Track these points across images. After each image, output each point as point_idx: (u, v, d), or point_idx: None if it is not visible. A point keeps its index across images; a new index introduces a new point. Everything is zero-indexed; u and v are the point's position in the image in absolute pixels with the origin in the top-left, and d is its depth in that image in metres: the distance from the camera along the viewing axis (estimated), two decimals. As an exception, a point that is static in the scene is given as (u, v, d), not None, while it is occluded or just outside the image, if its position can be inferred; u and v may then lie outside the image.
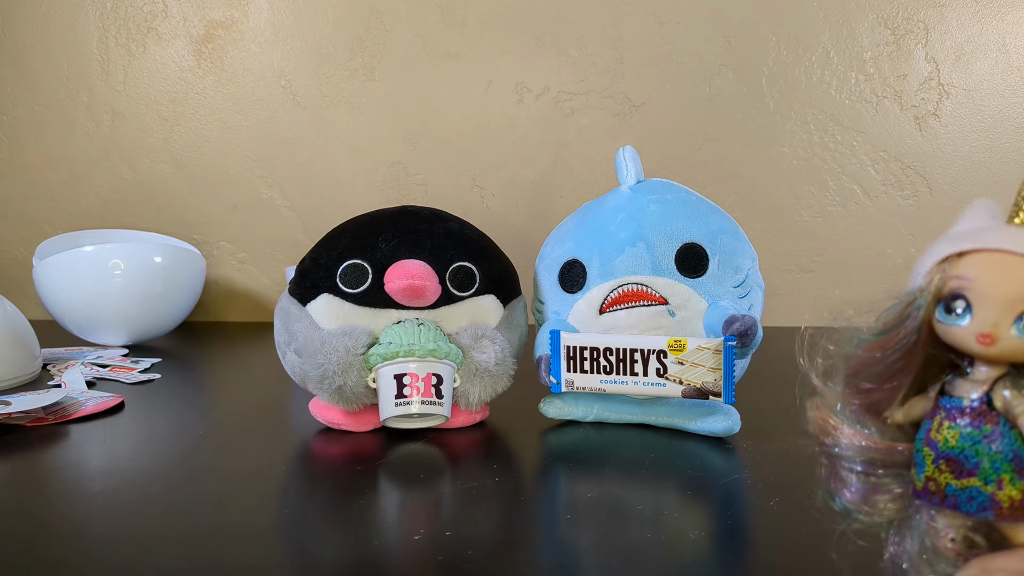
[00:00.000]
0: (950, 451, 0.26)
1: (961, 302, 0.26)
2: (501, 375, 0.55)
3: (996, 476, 0.25)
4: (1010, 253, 0.25)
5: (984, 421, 0.26)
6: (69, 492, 0.44)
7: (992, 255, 0.25)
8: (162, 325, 0.96)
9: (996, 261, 0.25)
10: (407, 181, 1.13)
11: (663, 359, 0.52)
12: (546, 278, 0.60)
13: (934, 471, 0.27)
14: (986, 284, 0.25)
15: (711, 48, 1.07)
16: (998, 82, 1.05)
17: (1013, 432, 0.25)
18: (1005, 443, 0.25)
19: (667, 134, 1.09)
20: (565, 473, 0.48)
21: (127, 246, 0.91)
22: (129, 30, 1.14)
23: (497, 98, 1.10)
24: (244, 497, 0.43)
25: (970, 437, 0.26)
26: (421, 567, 0.34)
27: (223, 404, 0.69)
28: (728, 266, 0.55)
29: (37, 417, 0.58)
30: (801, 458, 0.49)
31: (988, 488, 0.25)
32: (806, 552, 0.35)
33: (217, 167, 1.15)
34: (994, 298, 0.25)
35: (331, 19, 1.11)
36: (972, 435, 0.26)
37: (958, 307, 0.26)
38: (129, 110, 1.15)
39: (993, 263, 0.25)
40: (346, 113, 1.12)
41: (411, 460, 0.49)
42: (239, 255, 1.17)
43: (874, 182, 1.08)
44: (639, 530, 0.38)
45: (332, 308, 0.54)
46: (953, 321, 0.26)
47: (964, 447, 0.26)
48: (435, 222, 0.58)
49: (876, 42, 1.05)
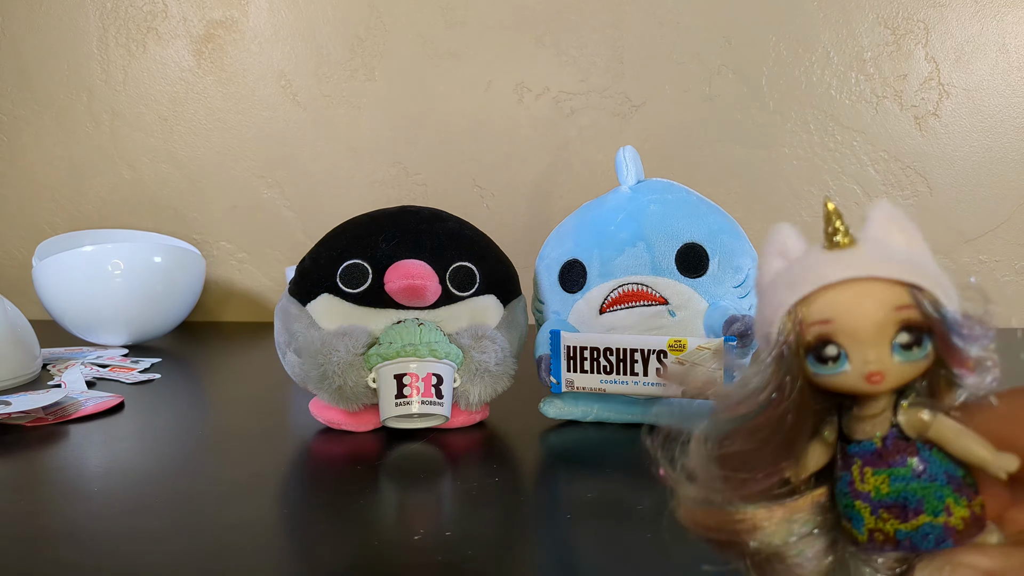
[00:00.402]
0: (886, 498, 0.24)
1: (832, 347, 0.23)
2: (501, 375, 0.55)
3: (942, 505, 0.24)
4: (855, 280, 0.23)
5: (906, 455, 0.24)
6: (69, 492, 0.44)
7: (839, 289, 0.23)
8: (162, 325, 0.96)
9: (850, 294, 0.23)
10: (407, 181, 1.13)
11: (663, 359, 0.52)
12: (546, 278, 0.60)
13: (876, 522, 0.24)
14: (849, 321, 0.23)
15: (711, 48, 1.07)
16: (998, 82, 1.05)
17: (933, 452, 0.24)
18: (933, 468, 0.24)
19: (667, 134, 1.09)
20: (565, 473, 0.48)
21: (127, 246, 0.91)
22: (129, 30, 1.14)
23: (497, 98, 1.10)
24: (244, 497, 0.43)
25: (902, 478, 0.24)
26: (421, 567, 0.34)
27: (223, 404, 0.69)
28: (728, 266, 0.55)
29: (37, 417, 0.58)
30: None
31: (939, 520, 0.24)
32: (806, 552, 0.35)
33: (217, 167, 1.15)
34: (864, 332, 0.23)
35: (331, 19, 1.11)
36: (902, 474, 0.24)
37: (831, 353, 0.23)
38: (129, 110, 1.15)
39: (848, 297, 0.23)
40: (346, 113, 1.12)
41: (411, 460, 0.49)
42: (239, 255, 1.17)
43: (874, 182, 1.08)
44: (639, 530, 0.38)
45: (332, 308, 0.54)
46: (832, 370, 0.23)
47: (900, 489, 0.24)
48: (435, 222, 0.58)
49: (876, 42, 1.05)
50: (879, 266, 0.23)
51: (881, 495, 0.24)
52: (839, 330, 0.23)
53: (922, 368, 0.23)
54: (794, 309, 0.24)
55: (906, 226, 0.24)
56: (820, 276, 0.23)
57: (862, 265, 0.23)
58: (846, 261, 0.23)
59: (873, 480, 0.24)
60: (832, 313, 0.23)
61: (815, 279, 0.23)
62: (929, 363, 0.23)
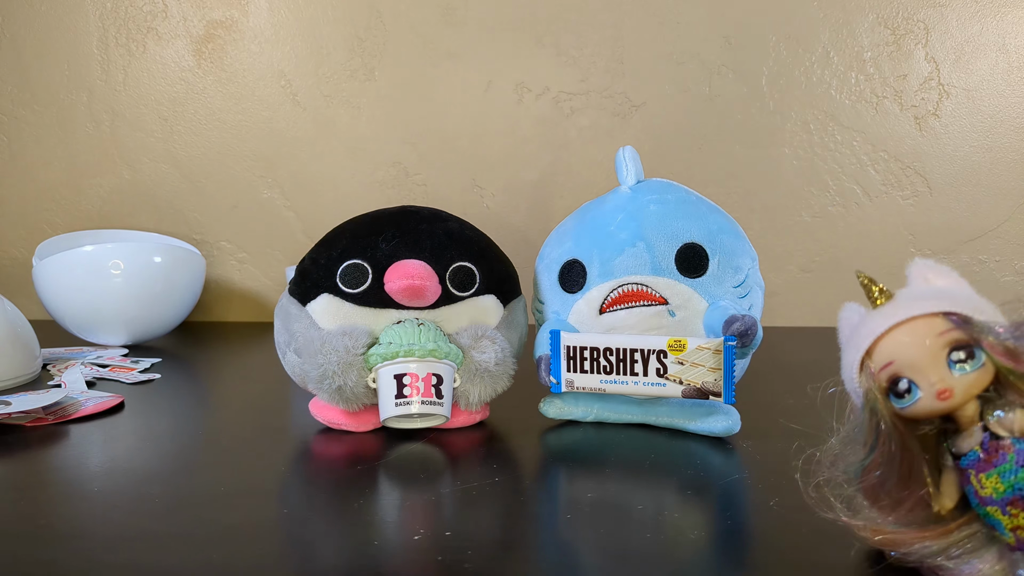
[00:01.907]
0: (1006, 495, 0.27)
1: (904, 382, 0.28)
2: (501, 375, 0.55)
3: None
4: (899, 324, 0.28)
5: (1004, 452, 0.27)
6: (69, 492, 0.44)
7: (892, 333, 0.28)
8: (162, 325, 0.96)
9: (899, 335, 0.28)
10: (407, 181, 1.13)
11: (663, 359, 0.52)
12: (546, 278, 0.60)
13: (1011, 520, 0.27)
14: (908, 358, 0.28)
15: (711, 48, 1.07)
16: (998, 82, 1.05)
17: None
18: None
19: (667, 134, 1.09)
20: (565, 473, 0.48)
21: (127, 246, 0.91)
22: (129, 30, 1.14)
23: (497, 98, 1.10)
24: (244, 497, 0.43)
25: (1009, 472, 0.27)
26: (421, 567, 0.34)
27: (223, 404, 0.69)
28: (728, 266, 0.55)
29: (37, 417, 0.58)
30: (801, 458, 0.49)
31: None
32: (806, 552, 0.35)
33: (217, 167, 1.15)
34: (921, 360, 0.27)
35: (331, 19, 1.11)
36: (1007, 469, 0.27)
37: (903, 387, 0.28)
38: (129, 110, 1.15)
39: (898, 338, 0.28)
40: (346, 113, 1.12)
41: (411, 460, 0.49)
42: (239, 255, 1.17)
43: (874, 182, 1.08)
44: (639, 530, 0.38)
45: (332, 308, 0.54)
46: (910, 401, 0.28)
47: (1011, 483, 0.27)
48: (435, 222, 0.58)
49: (876, 42, 1.05)
50: (912, 306, 0.28)
51: (1000, 494, 0.27)
52: (902, 366, 0.28)
53: (982, 377, 0.27)
54: (863, 363, 0.29)
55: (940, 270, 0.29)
56: (872, 331, 0.28)
57: (900, 311, 0.28)
58: (888, 312, 0.28)
59: (988, 483, 0.28)
60: (891, 355, 0.28)
61: (869, 334, 0.28)
62: (988, 371, 0.27)
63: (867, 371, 0.29)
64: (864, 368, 0.29)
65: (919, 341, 0.27)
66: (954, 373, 0.27)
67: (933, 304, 0.27)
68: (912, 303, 0.28)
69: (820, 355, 0.82)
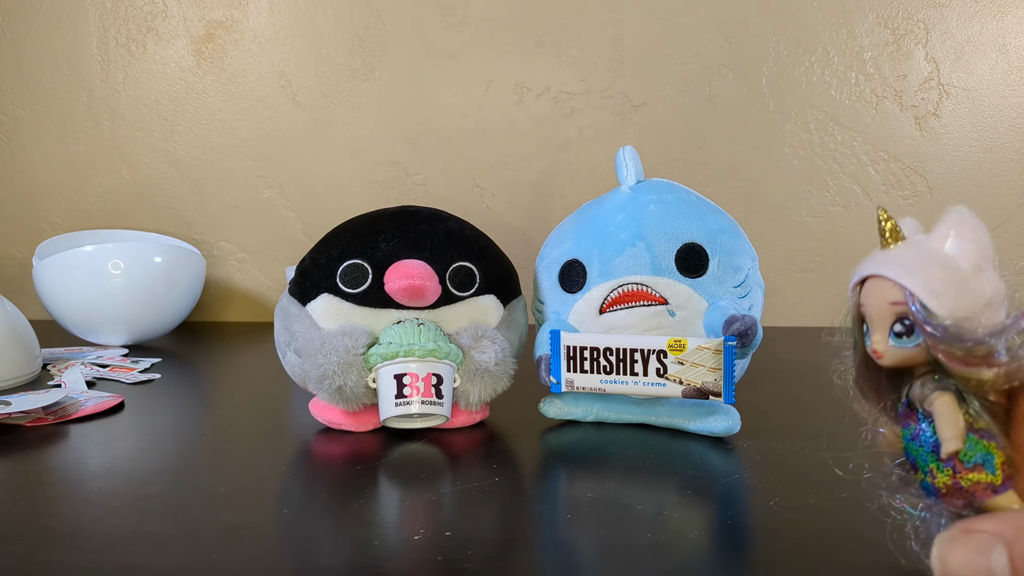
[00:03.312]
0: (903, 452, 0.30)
1: (866, 325, 0.30)
2: (501, 375, 0.55)
3: (927, 467, 0.29)
4: (874, 277, 0.30)
5: (909, 421, 0.30)
6: (69, 492, 0.44)
7: (870, 281, 0.30)
8: (162, 325, 0.96)
9: (871, 286, 0.30)
10: (407, 181, 1.13)
11: (663, 359, 0.52)
12: (546, 278, 0.60)
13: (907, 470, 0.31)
14: (868, 307, 0.30)
15: (711, 48, 1.07)
16: (998, 82, 1.05)
17: (931, 425, 0.28)
18: (925, 436, 0.29)
19: (667, 134, 1.09)
20: (565, 473, 0.48)
21: (127, 246, 0.91)
22: (129, 30, 1.14)
23: (497, 98, 1.10)
24: (244, 497, 0.43)
25: (905, 438, 0.30)
26: (421, 567, 0.34)
27: (223, 404, 0.69)
28: (728, 266, 0.55)
29: (37, 417, 0.58)
30: (801, 458, 0.49)
31: (928, 479, 0.29)
32: (806, 552, 0.35)
33: (217, 167, 1.15)
34: (871, 317, 0.30)
35: (331, 19, 1.11)
36: (905, 435, 0.30)
37: (866, 328, 0.30)
38: (129, 110, 1.15)
39: (870, 288, 0.30)
40: (346, 113, 1.12)
41: (411, 460, 0.49)
42: (239, 255, 1.17)
43: (874, 182, 1.08)
44: (639, 530, 0.38)
45: (332, 308, 0.54)
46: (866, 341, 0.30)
47: (905, 447, 0.30)
48: (435, 222, 0.58)
49: (876, 42, 1.05)
50: (885, 267, 0.29)
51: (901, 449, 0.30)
52: (866, 312, 0.30)
53: (918, 354, 0.29)
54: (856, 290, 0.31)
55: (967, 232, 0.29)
56: (862, 270, 0.31)
57: (878, 265, 0.29)
58: (876, 260, 0.30)
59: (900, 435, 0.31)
60: (863, 298, 0.30)
61: (860, 271, 0.31)
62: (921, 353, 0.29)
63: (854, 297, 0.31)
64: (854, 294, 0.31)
65: (877, 301, 0.29)
66: (890, 341, 0.29)
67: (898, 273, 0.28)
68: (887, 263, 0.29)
69: (820, 355, 0.82)
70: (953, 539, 0.26)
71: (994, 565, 0.25)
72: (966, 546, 0.26)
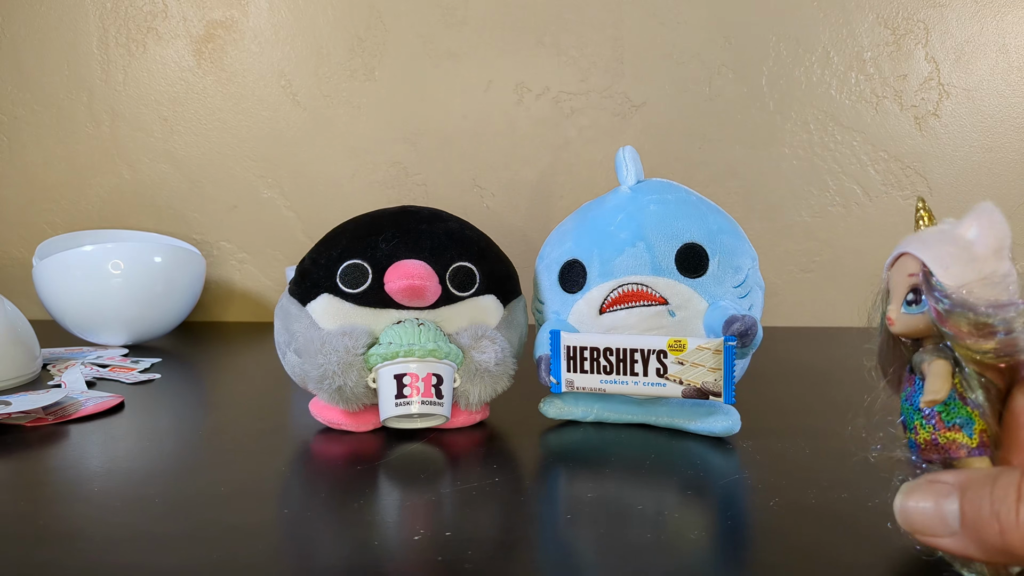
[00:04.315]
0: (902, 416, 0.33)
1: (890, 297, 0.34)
2: (501, 375, 0.54)
3: (912, 424, 0.32)
4: (901, 254, 0.33)
5: (907, 384, 0.33)
6: (69, 492, 0.44)
7: (898, 258, 0.33)
8: (162, 325, 0.96)
9: (897, 262, 0.33)
10: (407, 181, 1.13)
11: (663, 359, 0.52)
12: (546, 278, 0.60)
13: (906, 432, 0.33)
14: (892, 280, 0.33)
15: (711, 48, 1.07)
16: (998, 82, 1.05)
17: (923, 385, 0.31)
18: (916, 397, 0.32)
19: (667, 134, 1.09)
20: (565, 473, 0.48)
21: (127, 246, 0.91)
22: (129, 30, 1.14)
23: (497, 98, 1.10)
24: (244, 497, 0.43)
25: (903, 400, 0.33)
26: (421, 567, 0.34)
27: (223, 404, 0.69)
28: (728, 266, 0.55)
29: (37, 417, 0.58)
30: (801, 458, 0.49)
31: (911, 435, 0.32)
32: (806, 552, 0.35)
33: (217, 167, 1.15)
34: (894, 288, 0.33)
35: (331, 19, 1.11)
36: (903, 397, 0.33)
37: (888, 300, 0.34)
38: (129, 110, 1.15)
39: (897, 264, 0.33)
40: (346, 113, 1.12)
41: (411, 460, 0.49)
42: (239, 255, 1.17)
43: (874, 182, 1.08)
44: (639, 530, 0.38)
45: (332, 308, 0.54)
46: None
47: (901, 408, 0.33)
48: (435, 222, 0.58)
49: (876, 42, 1.05)
50: (910, 245, 0.32)
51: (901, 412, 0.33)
52: (890, 285, 0.34)
53: (922, 321, 0.32)
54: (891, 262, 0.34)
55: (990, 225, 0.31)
56: (897, 247, 0.34)
57: (906, 243, 0.33)
58: (906, 240, 0.33)
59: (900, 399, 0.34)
60: (891, 272, 0.34)
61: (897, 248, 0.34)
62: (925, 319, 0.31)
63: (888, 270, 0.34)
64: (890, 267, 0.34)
65: (901, 271, 0.33)
66: (902, 309, 0.32)
67: (924, 251, 0.31)
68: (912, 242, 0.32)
69: (820, 355, 0.82)
70: (916, 486, 0.28)
71: (946, 511, 0.27)
72: (924, 492, 0.28)
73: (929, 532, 0.27)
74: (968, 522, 0.26)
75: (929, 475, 0.28)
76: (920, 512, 0.27)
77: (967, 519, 0.26)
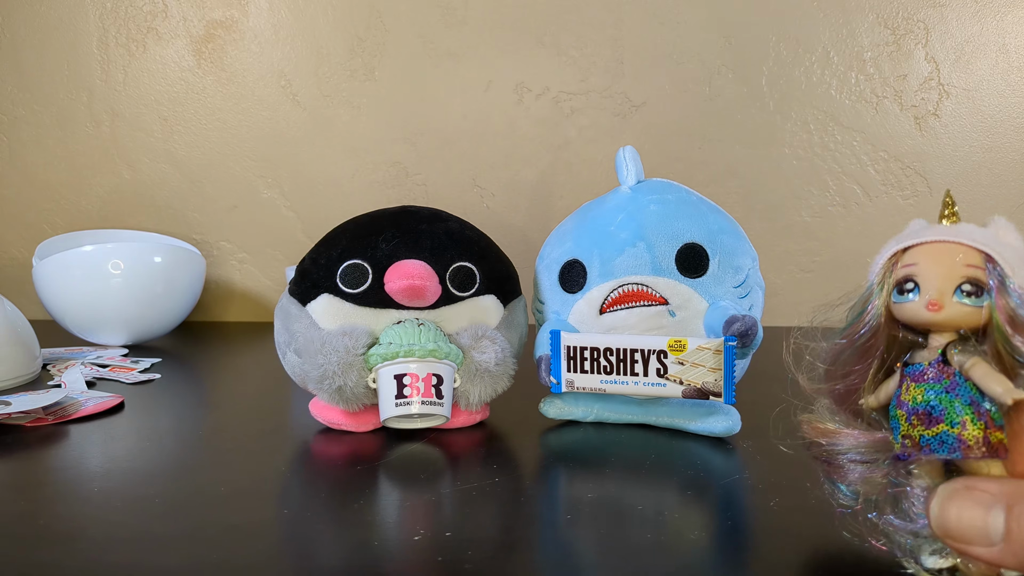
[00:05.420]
0: (919, 406, 0.30)
1: (911, 283, 0.31)
2: (501, 375, 0.54)
3: (960, 419, 0.29)
4: (942, 242, 0.30)
5: (943, 375, 0.30)
6: (69, 492, 0.44)
7: (929, 245, 0.31)
8: (162, 325, 0.96)
9: (933, 249, 0.31)
10: (407, 181, 1.13)
11: (663, 359, 0.52)
12: (546, 278, 0.60)
13: (908, 428, 0.31)
14: (928, 266, 0.30)
15: (711, 48, 1.07)
16: (998, 82, 1.05)
17: (968, 383, 0.29)
18: (962, 391, 0.29)
19: (667, 134, 1.09)
20: (565, 473, 0.48)
21: (127, 246, 0.91)
22: (129, 30, 1.14)
23: (497, 98, 1.10)
24: (244, 497, 0.43)
25: (933, 389, 0.30)
26: (421, 567, 0.34)
27: (223, 404, 0.69)
28: (728, 266, 0.55)
29: (37, 417, 0.58)
30: (801, 458, 0.49)
31: (955, 430, 0.29)
32: (806, 552, 0.35)
33: (217, 167, 1.15)
34: (936, 275, 0.30)
35: (331, 19, 1.11)
36: (935, 388, 0.30)
37: (908, 287, 0.31)
38: (129, 110, 1.15)
39: (931, 251, 0.31)
40: (346, 113, 1.12)
41: (411, 460, 0.49)
42: (239, 255, 1.17)
43: (874, 182, 1.08)
44: (639, 530, 0.38)
45: (332, 308, 0.54)
46: (906, 299, 0.31)
47: (930, 399, 0.30)
48: (435, 222, 0.58)
49: (876, 42, 1.05)
50: (963, 236, 0.30)
51: (916, 403, 0.30)
52: (920, 271, 0.30)
53: (974, 317, 0.30)
54: (896, 255, 0.31)
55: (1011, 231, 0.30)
56: (920, 235, 0.31)
57: (952, 233, 0.30)
58: (942, 230, 0.31)
59: (913, 391, 0.31)
60: (919, 259, 0.31)
61: (915, 237, 0.31)
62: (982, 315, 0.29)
63: (893, 262, 0.32)
64: (893, 259, 0.32)
65: (947, 259, 0.30)
66: (954, 298, 0.29)
67: (979, 242, 0.30)
68: (963, 234, 0.30)
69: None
70: (956, 491, 0.27)
71: (991, 521, 0.26)
72: (967, 500, 0.27)
73: (966, 541, 0.26)
74: (1015, 538, 0.25)
75: (966, 481, 0.28)
76: (962, 521, 0.27)
77: (1013, 535, 0.25)
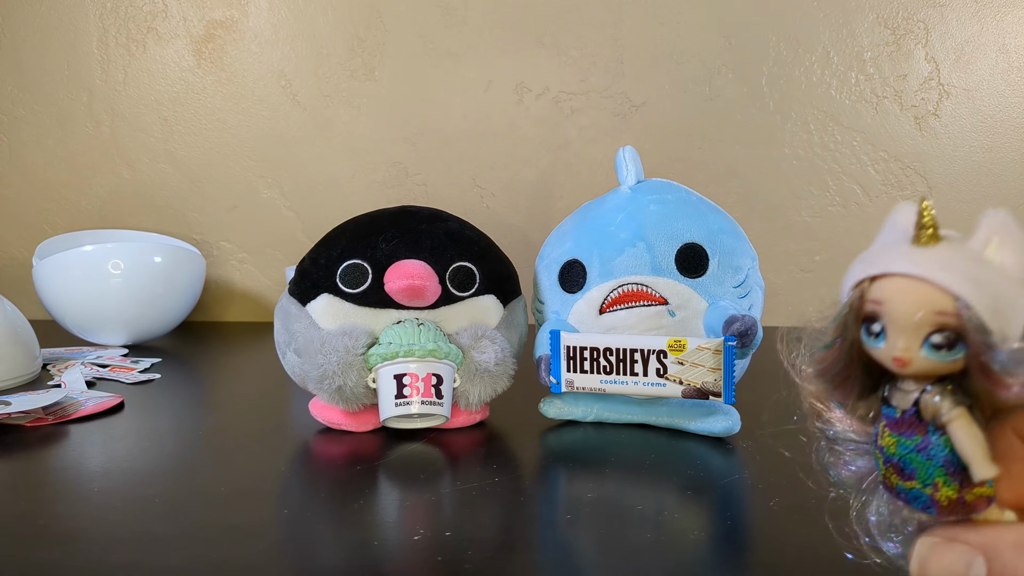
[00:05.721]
0: (891, 457, 0.28)
1: (877, 324, 0.27)
2: (501, 375, 0.55)
3: (931, 480, 0.27)
4: (911, 278, 0.25)
5: (914, 432, 0.27)
6: (68, 492, 0.44)
7: (899, 280, 0.26)
8: (162, 325, 0.96)
9: (902, 286, 0.26)
10: (407, 181, 1.13)
11: (663, 359, 0.52)
12: (546, 278, 0.60)
13: (885, 471, 0.29)
14: (895, 309, 0.26)
15: (711, 48, 1.07)
16: (998, 82, 1.05)
17: (943, 439, 0.27)
18: (935, 451, 0.27)
19: (667, 134, 1.09)
20: (565, 473, 0.48)
21: (127, 246, 0.91)
22: (129, 30, 1.14)
23: (497, 98, 1.10)
24: (244, 497, 0.43)
25: (904, 447, 0.28)
26: (421, 567, 0.34)
27: (223, 404, 0.69)
28: (728, 266, 0.55)
29: (37, 417, 0.58)
30: (801, 458, 0.49)
31: (927, 490, 0.27)
32: (806, 552, 0.35)
33: (217, 167, 1.15)
34: (903, 323, 0.26)
35: (331, 19, 1.11)
36: (906, 445, 0.27)
37: (876, 328, 0.27)
38: (129, 110, 1.15)
39: (900, 288, 0.26)
40: (346, 113, 1.12)
41: (411, 460, 0.49)
42: (239, 255, 1.17)
43: (874, 182, 1.08)
44: (639, 530, 0.38)
45: (332, 308, 0.54)
46: (873, 343, 0.27)
47: (901, 455, 0.28)
48: (435, 222, 0.58)
49: (876, 42, 1.05)
50: (937, 272, 0.25)
51: (889, 453, 0.28)
52: (886, 312, 0.26)
53: (948, 368, 0.26)
54: (863, 283, 0.27)
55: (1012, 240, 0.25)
56: (889, 264, 0.26)
57: (925, 266, 0.25)
58: (916, 258, 0.26)
59: (888, 439, 0.28)
60: (885, 297, 0.26)
61: (884, 265, 0.26)
62: (957, 366, 0.26)
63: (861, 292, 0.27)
64: (860, 288, 0.27)
65: (913, 306, 0.25)
66: (923, 352, 0.26)
67: (954, 281, 0.25)
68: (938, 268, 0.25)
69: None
70: (936, 545, 0.27)
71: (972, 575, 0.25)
72: (948, 553, 0.26)
73: None
74: None
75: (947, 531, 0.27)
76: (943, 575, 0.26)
77: None
